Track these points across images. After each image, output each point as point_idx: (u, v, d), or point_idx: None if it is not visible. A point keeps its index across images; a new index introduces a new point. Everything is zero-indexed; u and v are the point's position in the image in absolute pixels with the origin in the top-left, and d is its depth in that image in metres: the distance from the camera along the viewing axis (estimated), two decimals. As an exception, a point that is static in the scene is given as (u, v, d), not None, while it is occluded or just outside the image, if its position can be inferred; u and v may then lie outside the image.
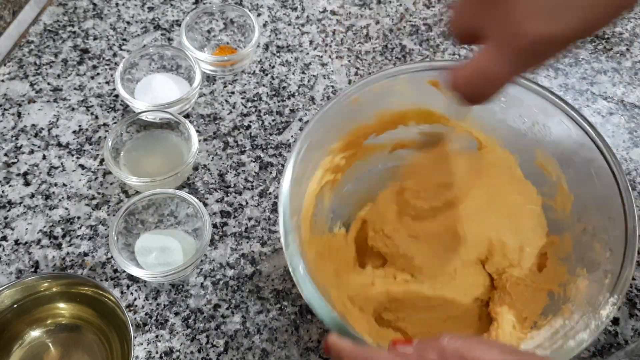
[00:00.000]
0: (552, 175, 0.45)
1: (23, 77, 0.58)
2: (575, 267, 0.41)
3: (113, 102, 0.57)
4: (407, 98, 0.45)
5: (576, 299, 0.39)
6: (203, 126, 0.56)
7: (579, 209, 0.43)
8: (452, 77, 0.29)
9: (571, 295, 0.40)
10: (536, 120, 0.45)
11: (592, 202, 0.42)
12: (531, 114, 0.45)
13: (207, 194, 0.52)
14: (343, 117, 0.43)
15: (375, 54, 0.64)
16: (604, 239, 0.40)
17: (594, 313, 0.36)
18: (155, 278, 0.44)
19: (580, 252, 0.42)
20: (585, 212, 0.42)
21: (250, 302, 0.47)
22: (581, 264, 0.41)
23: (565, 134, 0.43)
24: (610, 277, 0.37)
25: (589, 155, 0.41)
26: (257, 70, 0.61)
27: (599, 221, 0.41)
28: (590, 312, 0.36)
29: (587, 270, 0.40)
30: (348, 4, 0.68)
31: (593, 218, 0.41)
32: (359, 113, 0.45)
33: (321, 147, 0.43)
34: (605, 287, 0.37)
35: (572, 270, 0.42)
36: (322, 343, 0.32)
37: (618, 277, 0.36)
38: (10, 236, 0.49)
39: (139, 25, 0.63)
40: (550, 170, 0.46)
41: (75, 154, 0.54)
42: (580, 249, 0.42)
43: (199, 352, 0.44)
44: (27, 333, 0.43)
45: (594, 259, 0.40)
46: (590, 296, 0.38)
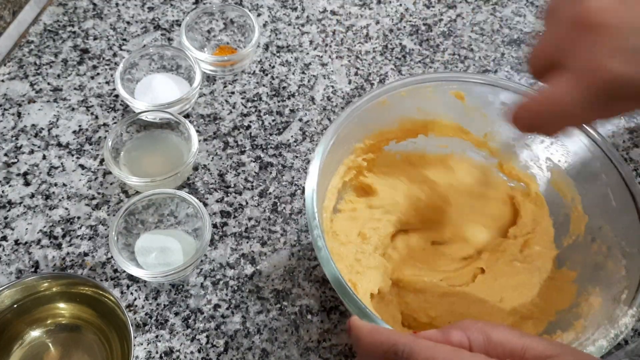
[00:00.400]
0: (568, 196, 0.45)
1: (23, 77, 0.58)
2: (587, 286, 0.41)
3: (113, 102, 0.57)
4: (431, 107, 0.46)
5: (589, 315, 0.38)
6: (203, 126, 0.57)
7: (593, 230, 0.42)
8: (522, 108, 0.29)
9: (583, 312, 0.39)
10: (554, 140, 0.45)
11: (607, 222, 0.41)
12: None
13: (207, 194, 0.52)
14: (369, 117, 0.44)
15: (375, 54, 0.64)
16: (618, 256, 0.39)
17: (611, 324, 0.35)
18: (155, 278, 0.44)
19: (591, 271, 0.41)
20: (600, 232, 0.42)
21: (250, 302, 0.47)
22: (593, 283, 0.40)
23: (583, 153, 0.43)
24: (627, 293, 0.36)
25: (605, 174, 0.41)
26: (257, 70, 0.61)
27: (613, 239, 0.40)
28: (607, 325, 0.35)
29: (600, 289, 0.39)
30: (348, 4, 0.68)
31: (607, 237, 0.41)
32: (384, 116, 0.45)
33: (347, 143, 0.44)
34: (622, 301, 0.36)
35: (582, 290, 0.41)
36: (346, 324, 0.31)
37: (636, 291, 0.35)
38: (10, 236, 0.49)
39: (139, 25, 0.63)
40: (566, 191, 0.45)
41: (75, 154, 0.54)
42: (591, 268, 0.41)
43: (199, 352, 0.44)
44: (27, 333, 0.43)
45: (607, 277, 0.39)
46: (605, 311, 0.37)
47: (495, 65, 0.64)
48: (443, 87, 0.44)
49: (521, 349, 0.25)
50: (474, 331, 0.26)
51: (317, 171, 0.39)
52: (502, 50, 0.65)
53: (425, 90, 0.44)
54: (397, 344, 0.26)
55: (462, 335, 0.26)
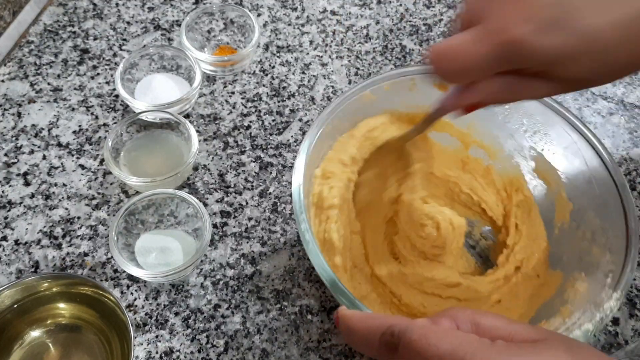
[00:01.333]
0: (552, 184, 0.45)
1: (23, 77, 0.58)
2: (572, 271, 0.41)
3: (113, 102, 0.57)
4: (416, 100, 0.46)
5: (575, 300, 0.39)
6: (203, 126, 0.57)
7: (578, 217, 0.43)
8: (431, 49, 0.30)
9: (569, 298, 0.39)
10: (538, 129, 0.45)
11: (590, 208, 0.42)
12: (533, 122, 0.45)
13: (207, 194, 0.52)
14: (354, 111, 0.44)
15: (375, 54, 0.64)
16: (602, 242, 0.40)
17: (597, 308, 0.35)
18: (155, 278, 0.44)
19: (577, 257, 0.42)
20: (584, 218, 0.42)
21: (250, 302, 0.47)
22: (578, 269, 0.41)
23: (565, 140, 0.43)
24: (612, 276, 0.37)
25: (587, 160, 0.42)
26: (257, 71, 0.61)
27: (598, 225, 0.41)
28: (593, 308, 0.36)
29: (586, 274, 0.40)
30: (348, 4, 0.68)
31: (591, 223, 0.41)
32: (369, 109, 0.45)
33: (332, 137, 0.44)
34: (607, 285, 0.37)
35: (568, 275, 0.42)
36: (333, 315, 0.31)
37: (620, 275, 0.36)
38: (10, 236, 0.49)
39: (139, 26, 0.63)
40: (550, 179, 0.46)
41: (75, 154, 0.54)
42: (577, 254, 0.42)
43: (199, 352, 0.44)
44: (27, 333, 0.43)
45: (592, 262, 0.40)
46: (591, 295, 0.37)
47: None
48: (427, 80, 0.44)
49: (509, 334, 0.25)
50: (462, 319, 0.27)
51: (302, 166, 0.39)
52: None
53: (409, 84, 0.44)
54: (393, 325, 0.26)
55: (451, 322, 0.27)
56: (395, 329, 0.26)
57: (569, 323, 0.36)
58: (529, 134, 0.46)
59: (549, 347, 0.23)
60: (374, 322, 0.27)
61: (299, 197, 0.38)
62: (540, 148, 0.46)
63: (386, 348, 0.26)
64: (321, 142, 0.42)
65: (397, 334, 0.26)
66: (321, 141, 0.42)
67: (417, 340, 0.25)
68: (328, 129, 0.42)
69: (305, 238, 0.36)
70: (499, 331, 0.26)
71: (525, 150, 0.47)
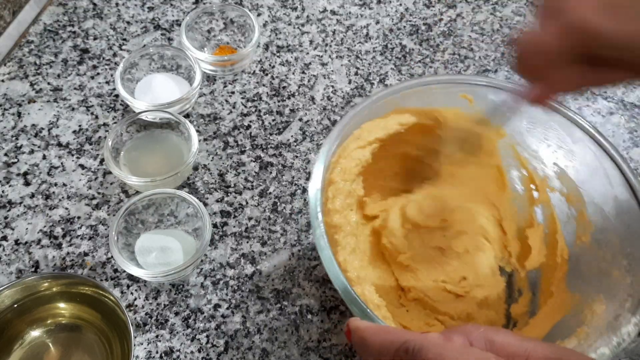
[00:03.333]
0: (574, 202, 0.44)
1: (23, 77, 0.58)
2: (591, 293, 0.40)
3: (113, 102, 0.57)
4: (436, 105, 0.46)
5: (592, 322, 0.38)
6: (203, 126, 0.56)
7: (599, 237, 0.42)
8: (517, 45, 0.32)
9: (586, 319, 0.38)
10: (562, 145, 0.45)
11: (612, 229, 0.41)
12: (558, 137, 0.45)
13: (207, 193, 0.52)
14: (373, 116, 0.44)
15: (375, 54, 0.64)
16: (623, 264, 0.39)
17: (614, 332, 0.35)
18: (155, 278, 0.44)
19: (596, 279, 0.41)
20: (605, 239, 0.41)
21: (250, 302, 0.47)
22: (597, 291, 0.40)
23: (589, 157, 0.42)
24: (632, 301, 0.36)
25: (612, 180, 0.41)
26: (257, 70, 0.61)
27: (619, 247, 0.40)
28: (610, 332, 0.35)
29: (604, 296, 0.39)
30: (348, 3, 0.68)
31: (613, 244, 0.40)
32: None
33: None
34: (626, 309, 0.36)
35: (586, 297, 0.40)
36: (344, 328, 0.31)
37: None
38: (10, 236, 0.49)
39: (139, 25, 0.63)
40: (572, 198, 0.45)
41: (75, 153, 0.54)
42: (596, 276, 0.41)
43: (199, 352, 0.44)
44: (27, 333, 0.43)
45: (612, 285, 0.39)
46: (608, 318, 0.36)
47: (495, 65, 0.64)
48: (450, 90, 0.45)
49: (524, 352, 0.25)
50: (476, 336, 0.26)
51: (321, 172, 0.39)
52: (502, 50, 0.65)
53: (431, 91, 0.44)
54: (408, 342, 0.26)
55: (464, 339, 0.26)
56: (410, 345, 0.25)
57: (584, 345, 0.35)
58: (553, 149, 0.45)
59: None
60: (388, 337, 0.27)
61: (315, 202, 0.37)
62: (564, 164, 0.45)
63: None
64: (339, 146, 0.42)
65: (412, 352, 0.25)
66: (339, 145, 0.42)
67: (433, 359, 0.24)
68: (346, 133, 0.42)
69: (320, 244, 0.36)
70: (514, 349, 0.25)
71: (547, 166, 0.46)
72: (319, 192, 0.38)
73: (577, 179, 0.44)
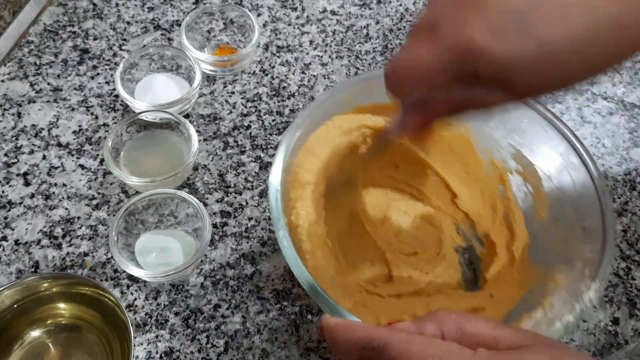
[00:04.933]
0: (530, 179, 0.46)
1: (23, 77, 0.58)
2: (552, 264, 0.42)
3: (113, 102, 0.57)
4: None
5: (555, 292, 0.39)
6: (203, 126, 0.57)
7: (556, 211, 0.43)
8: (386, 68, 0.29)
9: (549, 290, 0.40)
10: (515, 126, 0.46)
11: (567, 201, 0.42)
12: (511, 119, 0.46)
13: (207, 194, 0.52)
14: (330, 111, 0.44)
15: (375, 54, 0.64)
16: (580, 234, 0.40)
17: (576, 299, 0.36)
18: (155, 278, 0.44)
19: (555, 251, 0.42)
20: (562, 212, 0.43)
21: (250, 302, 0.47)
22: (558, 262, 0.41)
23: (540, 133, 0.44)
24: (590, 267, 0.37)
25: (563, 154, 0.42)
26: (257, 70, 0.61)
27: (575, 218, 0.41)
28: (573, 300, 0.36)
29: (565, 266, 0.40)
30: (348, 4, 0.68)
31: (569, 216, 0.42)
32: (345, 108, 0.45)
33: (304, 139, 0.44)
34: (585, 276, 0.37)
35: (548, 269, 0.42)
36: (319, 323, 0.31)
37: (599, 266, 0.36)
38: (10, 236, 0.49)
39: (139, 26, 0.63)
40: (528, 175, 0.46)
41: (75, 154, 0.54)
42: (556, 248, 0.43)
43: (199, 352, 0.44)
44: (27, 333, 0.43)
45: (571, 255, 0.40)
46: (570, 287, 0.38)
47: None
48: None
49: (494, 339, 0.25)
50: (447, 323, 0.26)
51: (280, 169, 0.39)
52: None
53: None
54: (373, 340, 0.26)
55: (436, 327, 0.27)
56: (374, 343, 0.26)
57: (550, 315, 0.37)
58: (507, 131, 0.47)
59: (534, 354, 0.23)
60: (355, 335, 0.27)
61: (276, 203, 0.38)
62: (518, 144, 0.46)
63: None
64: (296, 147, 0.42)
65: (377, 349, 0.26)
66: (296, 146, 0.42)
67: (398, 357, 0.24)
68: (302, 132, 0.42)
69: (283, 244, 0.36)
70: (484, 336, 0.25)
71: (504, 148, 0.48)
72: (279, 193, 0.38)
73: (530, 156, 0.45)
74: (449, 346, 0.24)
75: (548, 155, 0.44)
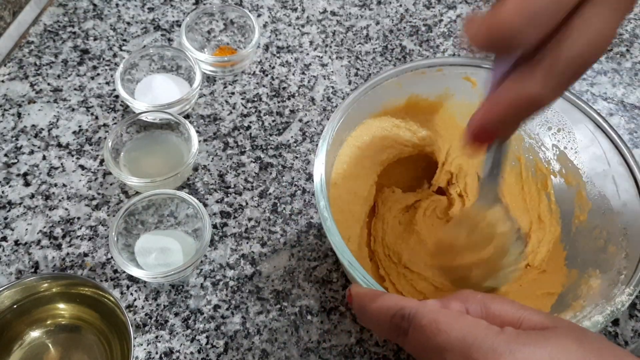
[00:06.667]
0: (572, 182, 0.45)
1: (23, 78, 0.58)
2: (587, 269, 0.41)
3: (113, 102, 0.57)
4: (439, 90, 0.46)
5: (588, 296, 0.39)
6: (203, 127, 0.57)
7: (596, 216, 0.43)
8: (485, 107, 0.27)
9: (582, 294, 0.40)
10: (562, 127, 0.45)
11: (609, 207, 0.42)
12: (557, 120, 0.45)
13: (207, 194, 0.52)
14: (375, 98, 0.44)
15: (375, 55, 0.64)
16: (620, 241, 0.40)
17: (608, 302, 0.36)
18: (155, 279, 0.44)
19: (593, 255, 0.42)
20: (603, 217, 0.42)
21: (250, 302, 0.47)
22: (593, 266, 0.41)
23: (588, 140, 0.43)
24: (626, 274, 0.37)
25: (612, 162, 0.41)
26: (257, 71, 0.61)
27: (615, 225, 0.41)
28: (605, 303, 0.36)
29: (600, 271, 0.40)
30: (348, 4, 0.68)
31: (609, 224, 0.41)
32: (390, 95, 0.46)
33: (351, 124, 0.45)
34: (620, 282, 0.37)
35: (583, 272, 0.42)
36: (346, 292, 0.31)
37: (634, 273, 0.36)
38: (10, 237, 0.49)
39: (139, 26, 0.64)
40: (571, 178, 0.45)
41: (75, 154, 0.54)
42: (593, 252, 0.42)
43: (199, 353, 0.44)
44: (27, 334, 0.43)
45: (608, 260, 0.40)
46: (603, 291, 0.38)
47: (495, 66, 0.64)
48: (455, 71, 0.45)
49: (518, 319, 0.25)
50: (472, 302, 0.27)
51: (324, 152, 0.40)
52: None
53: (437, 74, 0.45)
54: (404, 308, 0.26)
55: (461, 306, 0.27)
56: (406, 311, 0.26)
57: (579, 316, 0.37)
58: (553, 132, 0.46)
59: (558, 336, 0.23)
60: (385, 303, 0.28)
61: (320, 180, 0.38)
62: (563, 146, 0.46)
63: (396, 330, 0.27)
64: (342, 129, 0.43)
65: (407, 317, 0.26)
66: (342, 128, 0.42)
67: (427, 326, 0.25)
68: (351, 114, 0.43)
69: (323, 215, 0.37)
70: (508, 316, 0.26)
71: (548, 149, 0.47)
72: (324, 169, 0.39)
73: (575, 159, 0.45)
74: (477, 321, 0.24)
75: (593, 158, 0.43)
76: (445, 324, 0.24)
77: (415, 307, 0.26)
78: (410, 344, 0.26)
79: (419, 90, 0.46)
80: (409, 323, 0.26)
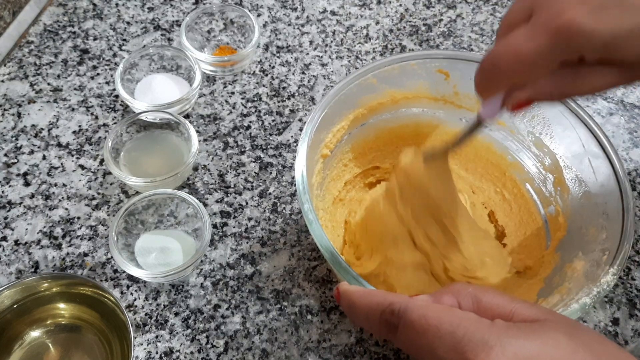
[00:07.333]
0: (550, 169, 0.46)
1: (23, 78, 0.58)
2: (570, 251, 0.42)
3: (113, 102, 0.57)
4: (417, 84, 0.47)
5: (573, 278, 0.39)
6: (203, 126, 0.57)
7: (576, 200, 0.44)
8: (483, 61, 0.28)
9: (567, 276, 0.40)
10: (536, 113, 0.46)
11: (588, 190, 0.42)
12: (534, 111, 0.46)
13: (207, 194, 0.52)
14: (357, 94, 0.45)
15: (375, 54, 0.64)
16: (600, 222, 0.40)
17: (594, 283, 0.36)
18: (155, 278, 0.44)
19: (575, 238, 0.43)
20: (582, 200, 0.43)
21: (250, 302, 0.47)
22: (576, 249, 0.41)
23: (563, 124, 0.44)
24: (608, 254, 0.37)
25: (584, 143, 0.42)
26: (257, 71, 0.61)
27: (595, 206, 0.41)
28: (590, 284, 0.36)
29: (583, 253, 0.40)
30: (348, 4, 0.68)
31: (589, 205, 0.42)
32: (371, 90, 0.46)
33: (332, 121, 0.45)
34: (603, 262, 0.37)
35: (566, 256, 0.42)
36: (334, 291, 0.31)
37: (616, 253, 0.37)
38: (10, 236, 0.49)
39: (139, 26, 0.64)
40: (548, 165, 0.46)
41: (75, 154, 0.54)
42: (575, 235, 0.43)
43: (199, 353, 0.44)
44: (27, 333, 0.43)
45: (589, 242, 0.40)
46: (588, 272, 0.38)
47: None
48: (427, 65, 0.45)
49: (510, 312, 0.25)
50: (464, 295, 0.27)
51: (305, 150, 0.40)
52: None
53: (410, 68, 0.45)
54: (394, 303, 0.26)
55: (453, 299, 0.27)
56: (395, 307, 0.26)
57: (566, 299, 0.37)
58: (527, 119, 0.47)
59: (549, 329, 0.23)
60: (374, 299, 0.28)
61: (302, 178, 0.38)
62: (538, 132, 0.46)
63: (386, 326, 0.27)
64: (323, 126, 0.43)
65: (397, 313, 0.26)
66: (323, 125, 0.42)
67: (417, 320, 0.25)
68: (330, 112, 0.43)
69: (308, 217, 0.37)
70: (500, 309, 0.26)
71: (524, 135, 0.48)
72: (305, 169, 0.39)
73: (551, 145, 0.45)
74: (467, 314, 0.24)
75: (568, 143, 0.44)
76: (435, 319, 0.24)
77: (404, 302, 0.26)
78: (400, 340, 0.26)
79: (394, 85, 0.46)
80: (398, 318, 0.26)
